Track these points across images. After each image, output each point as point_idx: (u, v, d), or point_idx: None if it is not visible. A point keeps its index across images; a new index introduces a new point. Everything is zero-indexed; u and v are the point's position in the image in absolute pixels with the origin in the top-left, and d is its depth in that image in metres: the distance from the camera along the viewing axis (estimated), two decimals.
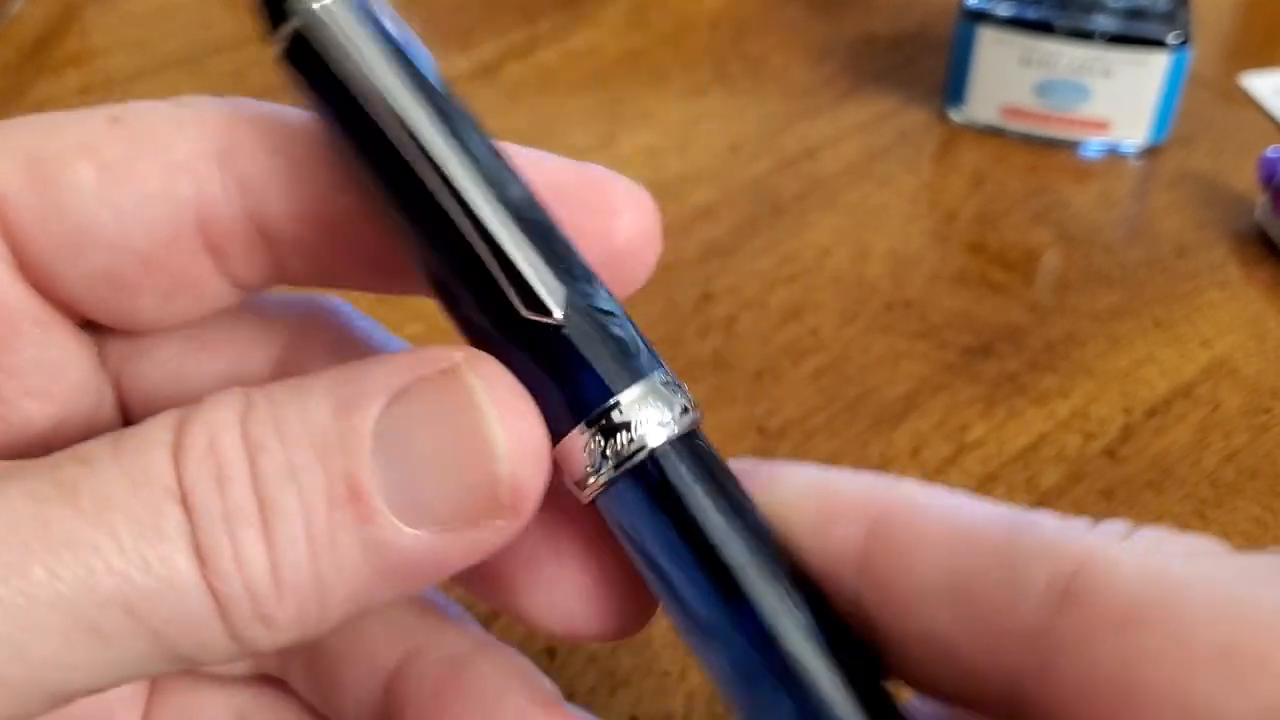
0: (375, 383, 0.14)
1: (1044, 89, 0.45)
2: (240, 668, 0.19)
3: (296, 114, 0.16)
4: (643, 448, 0.14)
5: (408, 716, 0.17)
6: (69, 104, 0.50)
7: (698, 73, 0.51)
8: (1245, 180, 0.44)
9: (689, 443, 0.15)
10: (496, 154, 0.15)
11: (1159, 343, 0.38)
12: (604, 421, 0.14)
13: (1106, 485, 0.33)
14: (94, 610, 0.13)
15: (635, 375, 0.14)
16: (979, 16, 0.45)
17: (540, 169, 0.16)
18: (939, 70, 0.49)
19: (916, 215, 0.43)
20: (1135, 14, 0.45)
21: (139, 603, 0.13)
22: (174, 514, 0.13)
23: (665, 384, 0.15)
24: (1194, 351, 0.37)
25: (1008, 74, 0.46)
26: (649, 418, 0.14)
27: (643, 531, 0.15)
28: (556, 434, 0.15)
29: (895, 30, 0.54)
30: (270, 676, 0.20)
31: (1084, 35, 0.44)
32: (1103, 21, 0.44)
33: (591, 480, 0.15)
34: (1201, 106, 0.48)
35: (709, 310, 0.38)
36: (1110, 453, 0.34)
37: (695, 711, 0.27)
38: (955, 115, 0.48)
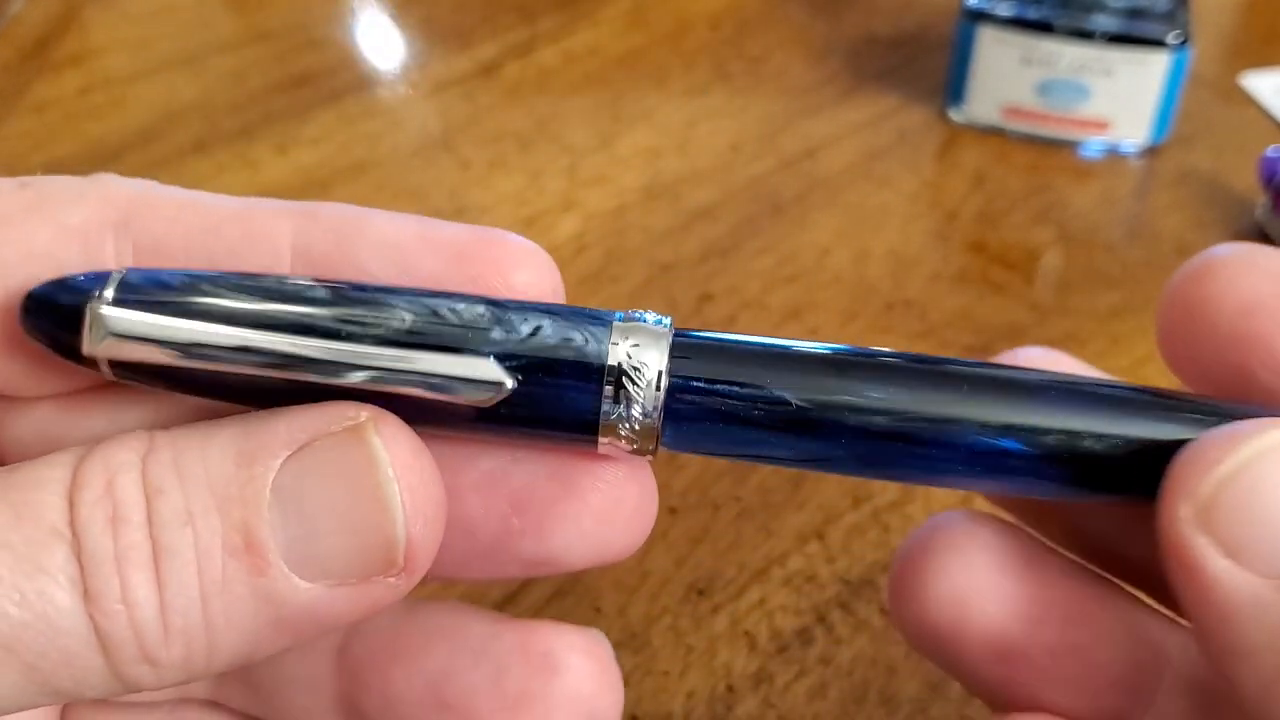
0: (279, 435, 0.14)
1: (1044, 88, 0.45)
2: (166, 692, 0.19)
3: (199, 195, 0.16)
4: (658, 385, 0.15)
5: (369, 674, 0.17)
6: (69, 104, 0.51)
7: (698, 73, 0.51)
8: (1245, 180, 0.44)
9: (682, 341, 0.15)
10: (341, 293, 0.15)
11: None
12: (614, 400, 0.15)
13: None
14: None
15: (600, 348, 0.15)
16: (979, 16, 0.45)
17: (438, 235, 0.16)
18: (939, 70, 0.49)
19: (917, 215, 0.43)
20: (1135, 14, 0.45)
21: (10, 635, 0.13)
22: (58, 550, 0.13)
23: (622, 320, 0.15)
24: None
25: (1008, 74, 0.46)
26: (641, 361, 0.15)
27: (713, 438, 0.15)
28: (589, 440, 0.15)
29: (895, 30, 0.54)
30: (197, 700, 0.19)
31: (1084, 35, 0.44)
32: (1103, 21, 0.44)
33: (644, 443, 0.15)
34: (1201, 106, 0.48)
35: (709, 310, 0.38)
36: None
37: (695, 711, 0.27)
38: (955, 115, 0.48)
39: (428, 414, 0.15)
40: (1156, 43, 0.44)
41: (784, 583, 0.30)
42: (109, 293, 0.14)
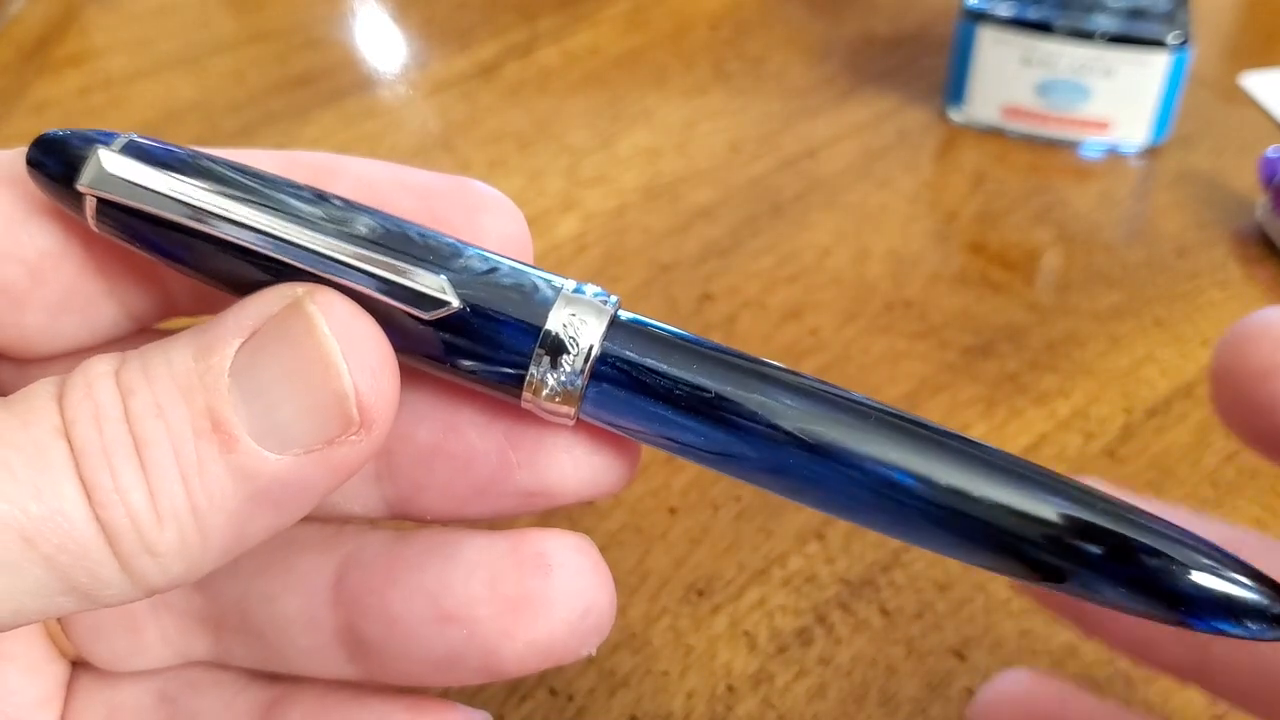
0: (229, 326, 0.15)
1: (1044, 89, 0.45)
2: (165, 659, 0.20)
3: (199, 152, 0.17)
4: (589, 352, 0.16)
5: (367, 600, 0.18)
6: (69, 104, 0.51)
7: (698, 73, 0.51)
8: (1245, 180, 0.44)
9: (621, 325, 0.16)
10: (324, 198, 0.16)
11: (1159, 342, 0.38)
12: (545, 355, 0.16)
13: (1107, 485, 0.33)
14: None
15: (545, 304, 0.16)
16: (979, 16, 0.45)
17: (410, 178, 0.17)
18: (939, 70, 0.49)
19: (916, 215, 0.43)
20: (1135, 14, 0.45)
21: (32, 529, 0.14)
22: (60, 448, 0.14)
23: (574, 293, 0.16)
24: (1194, 351, 0.37)
25: (1008, 74, 0.46)
26: (579, 329, 0.16)
27: (630, 414, 0.16)
28: (517, 388, 0.16)
29: (895, 30, 0.54)
30: (200, 662, 0.20)
31: (1084, 35, 0.44)
32: (1103, 21, 0.44)
33: (565, 404, 0.16)
34: (1201, 106, 0.48)
35: (709, 310, 0.38)
36: (1110, 452, 0.34)
37: (695, 711, 0.27)
38: (955, 115, 0.48)
39: (382, 321, 0.16)
40: (1156, 43, 0.44)
41: (784, 583, 0.30)
42: (115, 144, 0.16)
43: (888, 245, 0.41)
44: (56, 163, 0.16)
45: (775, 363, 0.16)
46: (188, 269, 0.16)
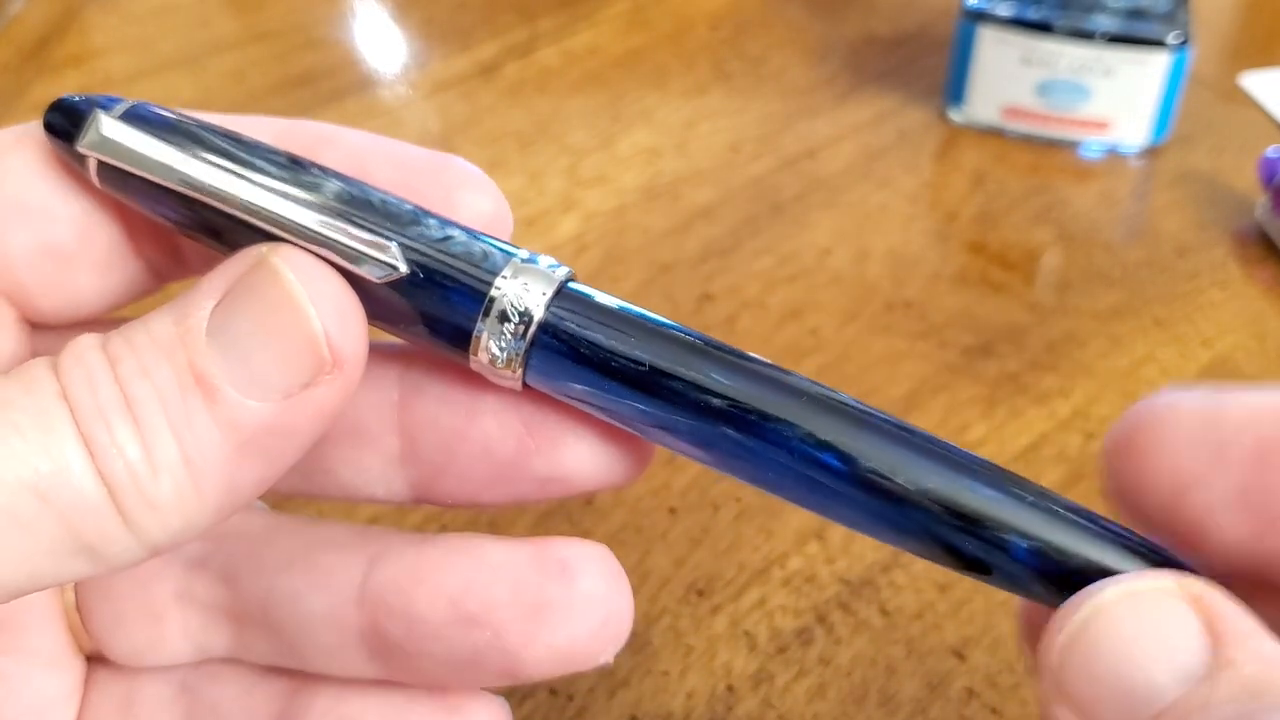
0: (203, 290, 0.16)
1: (1044, 89, 0.45)
2: (184, 654, 0.20)
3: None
4: (531, 320, 0.16)
5: (391, 600, 0.18)
6: None
7: (698, 73, 0.51)
8: (1245, 180, 0.44)
9: (568, 295, 0.17)
10: (298, 164, 0.17)
11: (1159, 342, 0.38)
12: (490, 321, 0.16)
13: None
14: (7, 495, 0.14)
15: (493, 271, 0.17)
16: (979, 16, 0.45)
17: (396, 150, 0.18)
18: (939, 70, 0.49)
19: (916, 215, 0.43)
20: (1135, 14, 0.45)
21: (44, 487, 0.14)
22: (61, 409, 0.15)
23: (525, 261, 0.17)
24: (1195, 351, 0.37)
25: (1008, 74, 0.46)
26: (524, 295, 0.16)
27: (571, 382, 0.17)
28: (465, 352, 0.17)
29: (895, 30, 0.54)
30: (217, 659, 0.20)
31: (1084, 35, 0.44)
32: (1103, 21, 0.44)
33: (509, 369, 0.17)
34: (1201, 106, 0.48)
35: (709, 310, 0.38)
36: None
37: (695, 711, 0.27)
38: (955, 115, 0.48)
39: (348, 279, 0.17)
40: (1156, 43, 0.44)
41: (784, 583, 0.30)
42: (116, 109, 0.17)
43: (888, 245, 0.41)
44: (65, 124, 0.17)
45: (717, 340, 0.17)
46: (178, 228, 0.17)
